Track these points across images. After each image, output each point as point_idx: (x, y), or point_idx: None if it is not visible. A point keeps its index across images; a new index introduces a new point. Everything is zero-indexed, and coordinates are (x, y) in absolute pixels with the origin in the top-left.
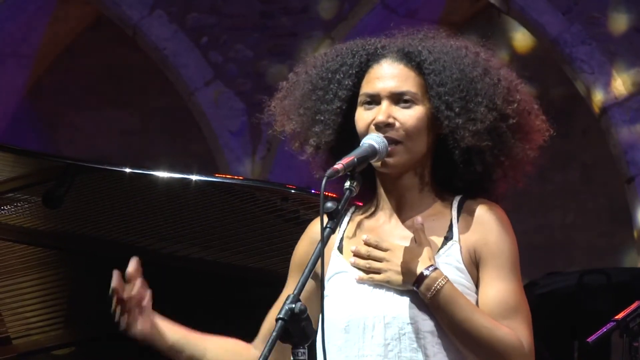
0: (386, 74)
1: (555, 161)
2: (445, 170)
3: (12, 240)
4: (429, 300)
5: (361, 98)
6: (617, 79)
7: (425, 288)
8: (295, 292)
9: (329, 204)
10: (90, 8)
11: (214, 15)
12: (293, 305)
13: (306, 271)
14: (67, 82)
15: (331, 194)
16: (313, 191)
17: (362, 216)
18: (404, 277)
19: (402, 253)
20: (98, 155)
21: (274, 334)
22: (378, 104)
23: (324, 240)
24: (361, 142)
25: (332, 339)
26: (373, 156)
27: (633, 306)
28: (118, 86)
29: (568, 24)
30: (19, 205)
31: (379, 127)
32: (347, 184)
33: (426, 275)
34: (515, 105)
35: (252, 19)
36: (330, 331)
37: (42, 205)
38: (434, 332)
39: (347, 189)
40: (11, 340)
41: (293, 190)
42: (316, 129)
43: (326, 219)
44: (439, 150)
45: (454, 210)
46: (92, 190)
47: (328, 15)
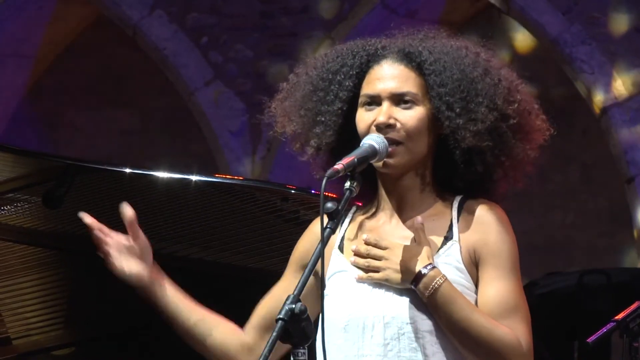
0: (387, 75)
1: (555, 161)
2: (446, 171)
3: (12, 241)
4: (427, 299)
5: (362, 99)
6: (617, 79)
7: (423, 287)
8: (295, 292)
9: (329, 204)
10: (90, 8)
11: (214, 15)
12: (293, 306)
13: (306, 271)
14: (67, 82)
15: (331, 194)
16: (313, 191)
17: (363, 216)
18: (402, 275)
19: (401, 252)
20: (98, 155)
21: (274, 334)
22: (379, 104)
23: (324, 241)
24: (361, 143)
25: (331, 338)
26: (373, 156)
27: (633, 306)
28: (118, 86)
29: (568, 24)
30: (19, 206)
31: (379, 128)
32: (347, 184)
33: (424, 273)
34: (516, 105)
35: (252, 19)
36: (330, 330)
37: (42, 205)
38: (433, 332)
39: (347, 189)
40: (11, 341)
41: (293, 191)
42: (317, 130)
43: (326, 219)
44: (440, 150)
45: (454, 210)
46: (92, 191)
47: (328, 15)
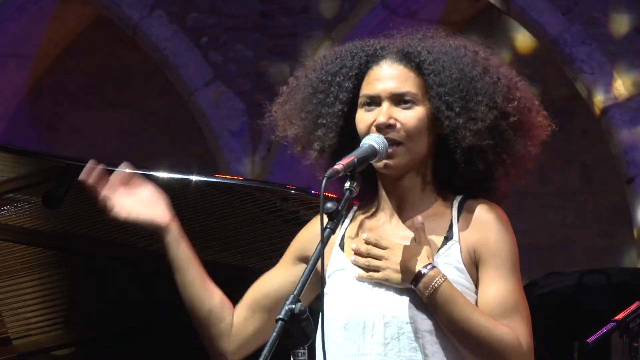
0: (386, 75)
1: (555, 161)
2: (446, 170)
3: (12, 241)
4: (427, 298)
5: (361, 99)
6: (617, 79)
7: (422, 286)
8: (295, 292)
9: (329, 205)
10: (90, 8)
11: (214, 16)
12: (293, 306)
13: (306, 271)
14: (67, 82)
15: (331, 194)
16: (313, 192)
17: (363, 215)
18: (402, 275)
19: (401, 251)
20: (98, 155)
21: (274, 334)
22: (378, 105)
23: (323, 241)
24: (361, 143)
25: (331, 337)
26: (373, 156)
27: (633, 306)
28: (118, 86)
29: (568, 24)
30: (19, 206)
31: (379, 128)
32: (347, 184)
33: (424, 273)
34: (516, 102)
35: (252, 19)
36: (330, 328)
37: (42, 205)
38: (433, 332)
39: (347, 189)
40: (11, 341)
41: (293, 191)
42: (319, 133)
43: (326, 220)
44: (440, 150)
45: (454, 210)
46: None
47: (329, 15)
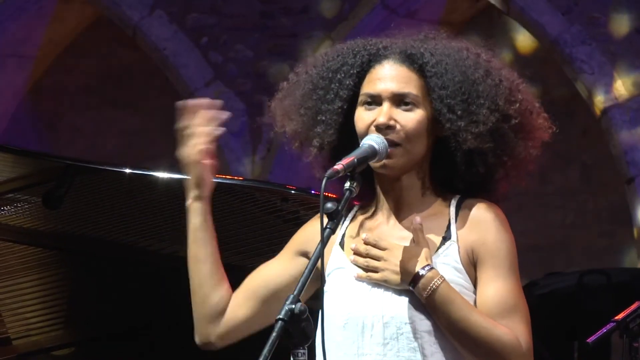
0: (388, 75)
1: (555, 161)
2: (446, 171)
3: (12, 241)
4: (425, 300)
5: (362, 97)
6: (618, 79)
7: (421, 288)
8: (295, 292)
9: (329, 205)
10: (90, 8)
11: (214, 16)
12: (293, 306)
13: (306, 271)
14: (67, 82)
15: (331, 194)
16: (313, 192)
17: (363, 215)
18: (400, 276)
19: (400, 252)
20: (98, 155)
21: (274, 334)
22: (379, 104)
23: (323, 241)
24: (361, 143)
25: (330, 335)
26: (373, 157)
27: (633, 307)
28: (118, 86)
29: (568, 24)
30: (19, 206)
31: (379, 128)
32: (347, 184)
33: (422, 275)
34: (517, 105)
35: (252, 19)
36: (329, 327)
37: (42, 205)
38: (431, 332)
39: (347, 189)
40: (11, 341)
41: (293, 191)
42: (318, 130)
43: (326, 220)
44: (439, 151)
45: (452, 210)
46: (92, 191)
47: (329, 15)
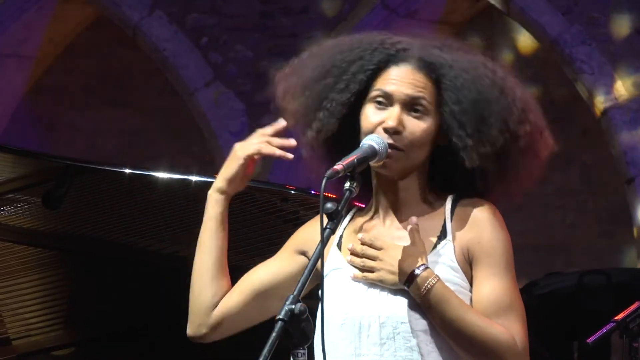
0: (405, 78)
1: (555, 161)
2: (443, 175)
3: (12, 241)
4: (420, 299)
5: (374, 93)
6: (618, 79)
7: (416, 287)
8: (295, 292)
9: (329, 205)
10: (90, 9)
11: (214, 16)
12: (293, 306)
13: (306, 272)
14: (67, 82)
15: (331, 194)
16: (313, 192)
17: (360, 216)
18: (396, 276)
19: (395, 252)
20: (98, 156)
21: (274, 334)
22: (389, 104)
23: (323, 241)
24: (361, 143)
25: (328, 336)
26: (373, 157)
27: (633, 307)
28: (118, 86)
29: (568, 24)
30: (18, 206)
31: (387, 131)
32: (347, 184)
33: (417, 274)
34: (528, 127)
35: (252, 19)
36: (326, 328)
37: (41, 205)
38: (427, 331)
39: (347, 189)
40: (11, 341)
41: (293, 191)
42: (320, 115)
43: (326, 220)
44: (439, 155)
45: (448, 209)
46: (92, 191)
47: (329, 15)
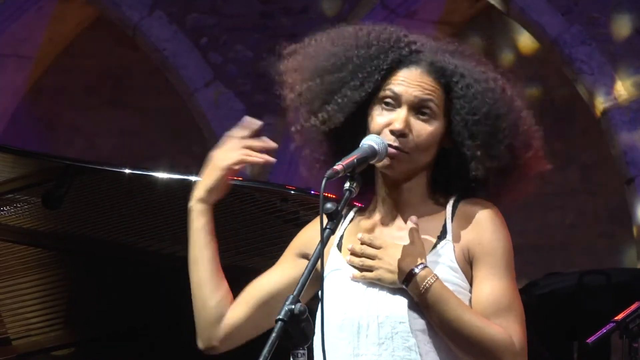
0: (414, 80)
1: (555, 162)
2: (445, 177)
3: (12, 241)
4: (418, 298)
5: (383, 93)
6: (617, 80)
7: (414, 286)
8: (295, 293)
9: (328, 205)
10: (90, 9)
11: (214, 16)
12: (293, 307)
13: (306, 272)
14: (66, 82)
15: (331, 194)
16: (313, 192)
17: (361, 216)
18: (394, 275)
19: (394, 251)
20: (98, 156)
21: (274, 334)
22: (398, 106)
23: (323, 241)
24: (361, 143)
25: (327, 337)
26: (373, 157)
27: (633, 307)
28: (118, 86)
29: (568, 24)
30: (18, 206)
31: (394, 133)
32: (347, 184)
33: (415, 273)
34: (530, 151)
35: (252, 19)
36: (326, 329)
37: (41, 206)
38: (426, 331)
39: (346, 189)
40: (11, 341)
41: (293, 191)
42: (329, 108)
43: (326, 220)
44: (441, 157)
45: (449, 210)
46: (91, 191)
47: (330, 15)
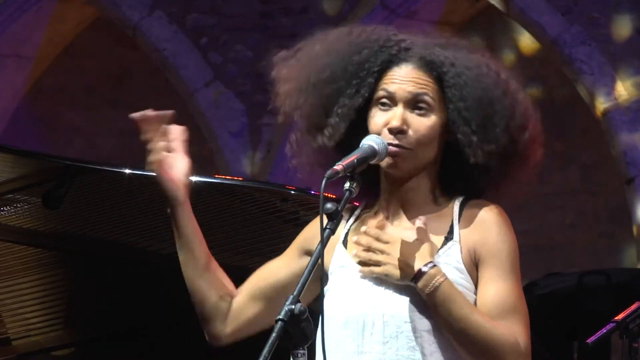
0: (406, 77)
1: (555, 162)
2: (450, 175)
3: (12, 241)
4: (427, 297)
5: (378, 94)
6: (618, 80)
7: (422, 284)
8: (295, 293)
9: (328, 205)
10: (90, 9)
11: (214, 16)
12: (293, 307)
13: (306, 272)
14: (66, 82)
15: (330, 194)
16: (313, 192)
17: (367, 215)
18: (402, 271)
19: (402, 247)
20: (98, 156)
21: (274, 334)
22: (394, 104)
23: (323, 241)
24: (361, 143)
25: (331, 334)
26: (373, 157)
27: (633, 307)
28: (118, 86)
29: (568, 24)
30: (18, 206)
31: (392, 131)
32: (347, 185)
33: (424, 271)
34: (526, 133)
35: (252, 19)
36: (329, 326)
37: (41, 206)
38: (431, 331)
39: (346, 190)
40: (11, 341)
41: (293, 191)
42: (331, 121)
43: (326, 220)
44: (446, 154)
45: (456, 211)
46: (91, 191)
47: (330, 15)
